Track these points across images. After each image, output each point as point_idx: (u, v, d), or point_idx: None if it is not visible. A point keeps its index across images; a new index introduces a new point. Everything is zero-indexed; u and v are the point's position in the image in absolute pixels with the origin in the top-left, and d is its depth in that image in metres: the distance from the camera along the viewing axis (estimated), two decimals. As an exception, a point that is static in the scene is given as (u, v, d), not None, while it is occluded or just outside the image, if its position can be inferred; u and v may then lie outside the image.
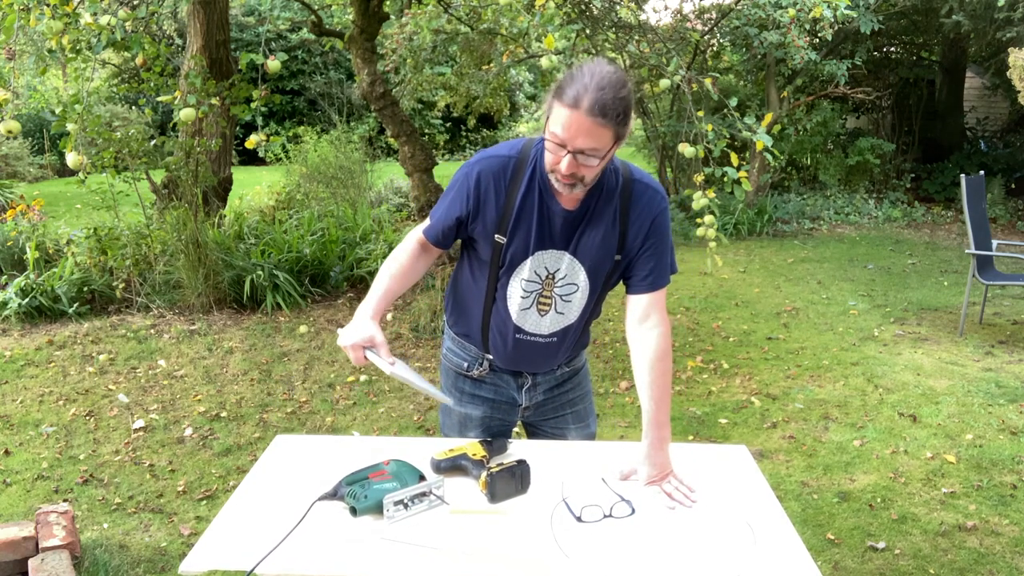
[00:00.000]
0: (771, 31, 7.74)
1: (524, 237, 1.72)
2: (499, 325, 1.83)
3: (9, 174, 11.63)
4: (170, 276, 5.62)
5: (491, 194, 1.72)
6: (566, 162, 1.56)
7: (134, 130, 5.66)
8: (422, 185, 4.99)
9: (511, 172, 1.72)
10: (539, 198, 1.71)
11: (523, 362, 1.89)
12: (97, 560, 2.71)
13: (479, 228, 1.74)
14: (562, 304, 1.79)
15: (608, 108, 1.51)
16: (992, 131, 12.06)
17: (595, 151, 1.55)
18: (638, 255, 1.76)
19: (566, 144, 1.54)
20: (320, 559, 1.42)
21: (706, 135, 4.04)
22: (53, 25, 3.72)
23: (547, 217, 1.71)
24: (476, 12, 6.79)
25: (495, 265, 1.76)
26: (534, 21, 3.63)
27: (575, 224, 1.72)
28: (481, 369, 1.92)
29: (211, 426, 3.87)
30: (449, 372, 2.00)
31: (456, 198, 1.76)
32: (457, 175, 1.77)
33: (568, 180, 1.60)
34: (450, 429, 2.01)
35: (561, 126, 1.53)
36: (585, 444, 1.96)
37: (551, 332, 1.82)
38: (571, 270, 1.75)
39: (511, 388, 1.95)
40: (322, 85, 15.02)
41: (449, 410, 1.99)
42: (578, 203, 1.71)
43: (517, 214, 1.71)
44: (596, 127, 1.51)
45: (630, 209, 1.74)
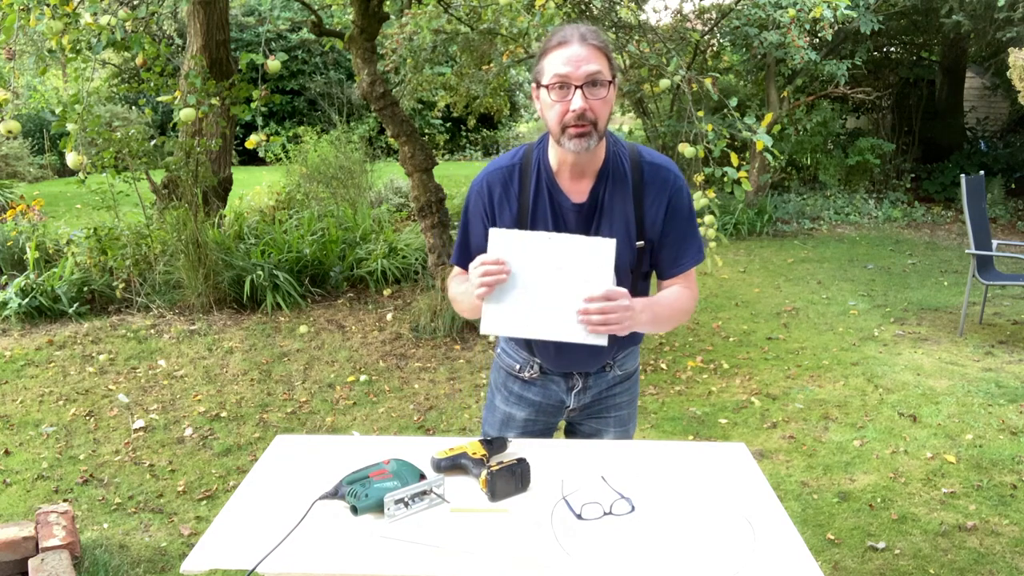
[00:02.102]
0: (771, 31, 7.74)
1: None
2: None
3: (9, 174, 11.63)
4: (170, 276, 5.62)
5: (504, 202, 1.74)
6: (578, 97, 1.55)
7: (134, 130, 5.66)
8: (422, 185, 4.99)
9: (518, 177, 1.73)
10: (549, 196, 1.71)
11: (572, 362, 1.86)
12: (97, 560, 2.71)
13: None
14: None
15: (595, 34, 1.57)
16: (992, 131, 12.06)
17: (599, 75, 1.56)
18: (661, 240, 1.73)
19: (570, 77, 1.55)
20: (321, 558, 1.42)
21: (706, 135, 4.05)
22: (53, 25, 3.72)
23: (560, 214, 1.71)
24: (476, 12, 6.79)
25: None
26: (534, 21, 3.64)
27: (588, 216, 1.71)
28: (532, 372, 1.92)
29: (211, 426, 3.87)
30: (500, 371, 2.00)
31: (475, 215, 1.78)
32: (468, 196, 1.80)
33: (582, 125, 1.57)
34: (490, 427, 2.02)
35: (561, 63, 1.55)
36: (585, 443, 1.96)
37: None
38: None
39: (560, 391, 1.93)
40: (322, 85, 15.02)
41: (493, 407, 2.01)
42: (587, 194, 1.70)
43: (532, 216, 1.72)
44: (592, 52, 1.56)
45: (644, 193, 1.71)
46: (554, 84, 1.57)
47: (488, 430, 2.02)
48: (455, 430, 3.82)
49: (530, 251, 1.55)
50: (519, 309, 1.58)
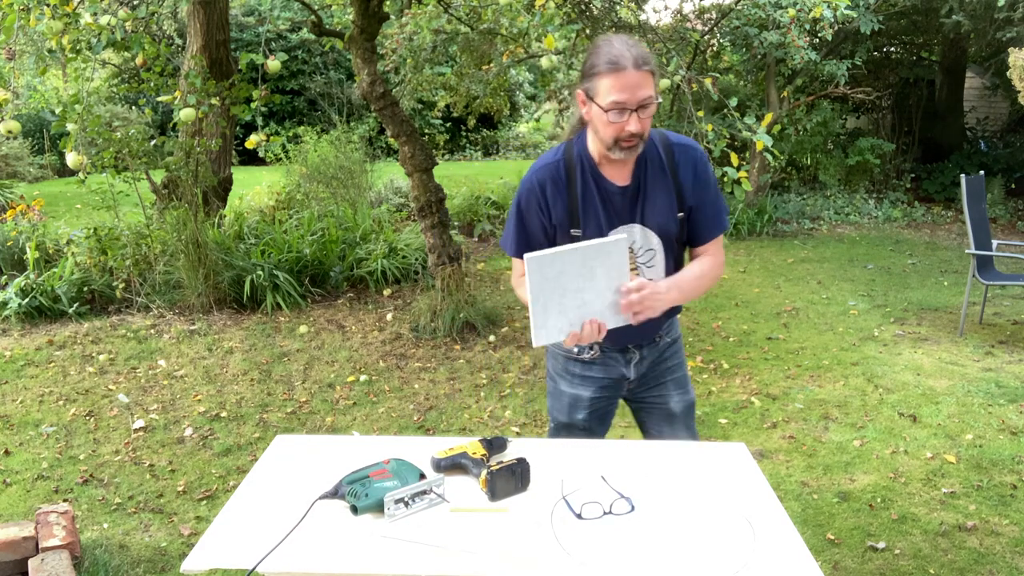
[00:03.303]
0: (771, 31, 7.74)
1: (595, 223, 1.87)
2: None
3: (9, 174, 11.63)
4: (170, 276, 5.62)
5: (556, 196, 1.88)
6: (634, 121, 1.71)
7: (134, 130, 5.66)
8: (422, 185, 4.99)
9: (564, 171, 1.88)
10: (595, 184, 1.87)
11: (629, 336, 1.97)
12: (97, 560, 2.71)
13: (555, 231, 1.90)
14: (647, 271, 1.92)
15: (646, 57, 1.71)
16: (992, 131, 12.06)
17: (650, 99, 1.72)
18: (695, 207, 1.92)
19: (627, 104, 1.70)
20: (321, 557, 1.42)
21: (706, 135, 4.05)
22: (53, 25, 3.72)
23: (608, 198, 1.87)
24: (476, 12, 6.79)
25: None
26: (534, 21, 3.64)
27: (635, 196, 1.88)
28: (592, 352, 2.03)
29: (211, 426, 3.87)
30: (558, 357, 2.10)
31: (530, 211, 1.91)
32: (520, 194, 1.93)
33: (632, 142, 1.75)
34: (559, 412, 2.11)
35: (617, 91, 1.69)
36: (585, 442, 1.96)
37: None
38: (644, 238, 1.89)
39: (620, 365, 2.05)
40: (322, 85, 15.01)
41: (559, 393, 2.10)
42: (630, 177, 1.87)
43: (583, 205, 1.87)
44: (644, 76, 1.70)
45: (677, 168, 1.89)
46: (611, 108, 1.70)
47: (557, 416, 2.11)
48: (455, 430, 3.82)
49: (560, 265, 1.66)
50: (562, 317, 1.71)
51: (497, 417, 3.96)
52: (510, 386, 4.33)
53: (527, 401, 4.14)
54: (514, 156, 16.76)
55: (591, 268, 1.69)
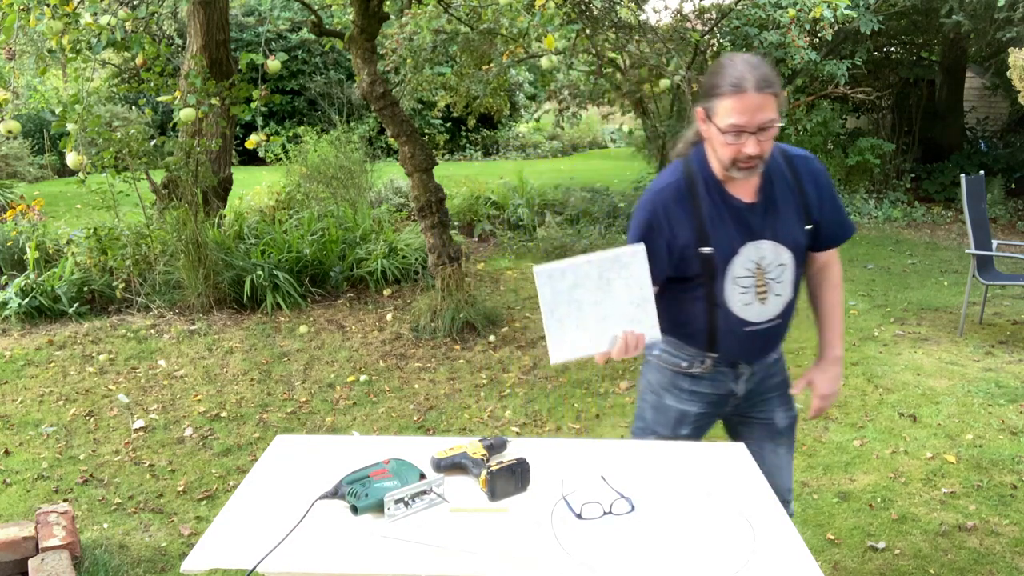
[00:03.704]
0: (771, 31, 7.73)
1: (726, 240, 1.83)
2: (728, 327, 1.90)
3: (9, 174, 11.62)
4: (170, 276, 5.62)
5: (681, 217, 1.83)
6: (751, 144, 1.69)
7: (134, 130, 5.66)
8: (422, 185, 4.99)
9: (686, 191, 1.85)
10: (722, 201, 1.84)
11: (753, 352, 1.97)
12: (97, 560, 2.71)
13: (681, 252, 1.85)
14: (777, 286, 1.89)
15: (769, 79, 1.68)
16: (992, 131, 12.06)
17: (772, 122, 1.69)
18: (822, 216, 1.91)
19: (746, 127, 1.68)
20: (321, 557, 1.42)
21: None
22: (53, 25, 3.72)
23: (736, 215, 1.84)
24: (476, 12, 6.79)
25: (707, 275, 1.85)
26: (534, 21, 3.64)
27: (764, 211, 1.85)
28: (703, 366, 1.98)
29: (211, 426, 3.87)
30: (664, 371, 2.04)
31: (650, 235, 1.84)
32: (638, 218, 1.88)
33: (752, 163, 1.73)
34: (662, 426, 2.05)
35: (736, 113, 1.67)
36: (585, 442, 1.96)
37: (775, 315, 1.92)
38: (775, 254, 1.86)
39: (729, 380, 2.01)
40: (322, 85, 15.01)
41: (664, 407, 2.04)
42: (756, 192, 1.85)
43: (711, 223, 1.83)
44: (766, 99, 1.67)
45: (802, 181, 1.89)
46: (729, 131, 1.70)
47: (659, 429, 2.05)
48: (455, 430, 3.82)
49: (573, 277, 1.63)
50: (582, 332, 1.67)
51: (497, 417, 3.96)
52: (510, 386, 4.33)
53: (527, 401, 4.14)
54: (514, 156, 16.76)
55: (608, 280, 1.65)
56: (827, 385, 2.05)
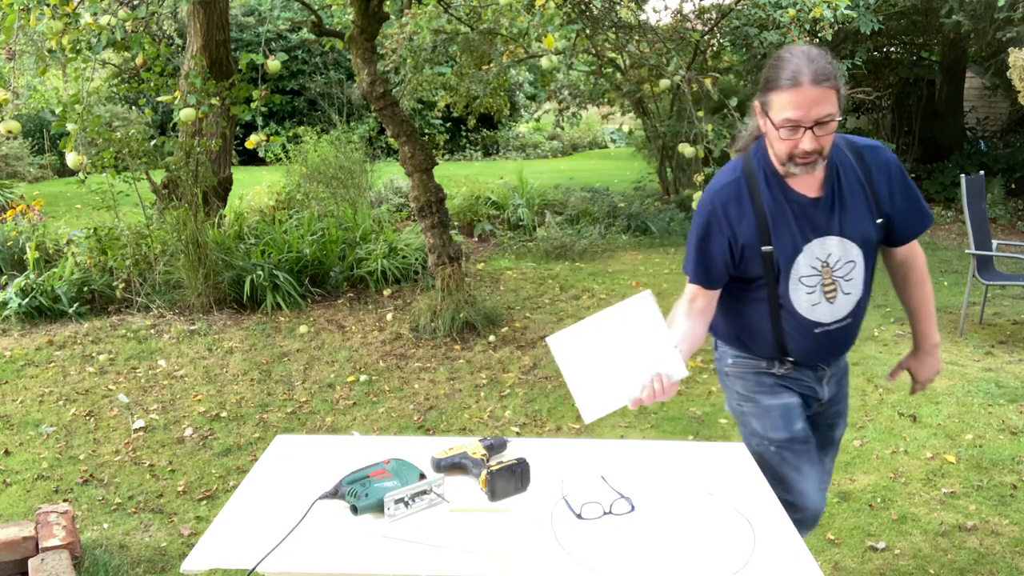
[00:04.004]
0: (771, 31, 7.73)
1: (789, 237, 1.77)
2: (796, 329, 1.85)
3: (9, 174, 11.63)
4: (170, 276, 5.62)
5: (741, 216, 1.79)
6: (807, 139, 1.64)
7: (134, 130, 5.66)
8: (422, 185, 4.99)
9: (746, 189, 1.80)
10: (784, 198, 1.78)
11: (829, 353, 1.92)
12: (97, 560, 2.71)
13: (742, 251, 1.81)
14: (846, 284, 1.82)
15: (827, 72, 1.62)
16: (992, 131, 12.06)
17: (829, 116, 1.63)
18: (894, 209, 1.84)
19: (801, 122, 1.63)
20: (321, 557, 1.42)
21: (706, 135, 4.05)
22: (53, 25, 3.72)
23: (800, 211, 1.78)
24: (476, 12, 6.79)
25: (770, 275, 1.80)
26: (534, 21, 3.64)
27: (830, 206, 1.78)
28: (784, 367, 1.93)
29: (211, 426, 3.87)
30: (748, 376, 1.98)
31: (715, 235, 1.81)
32: (699, 218, 1.84)
33: (809, 158, 1.67)
34: (774, 428, 1.93)
35: (792, 107, 1.62)
36: (585, 442, 1.96)
37: (845, 315, 1.85)
38: (843, 250, 1.80)
39: (811, 381, 1.96)
40: (322, 85, 15.01)
41: (766, 409, 1.94)
42: (821, 187, 1.78)
43: (773, 220, 1.77)
44: (823, 93, 1.61)
45: (871, 172, 1.82)
46: (784, 125, 1.65)
47: (773, 433, 1.93)
48: (455, 430, 3.82)
49: (584, 340, 1.63)
50: (607, 387, 1.66)
51: (497, 417, 3.96)
52: (510, 386, 4.33)
53: (527, 401, 4.14)
54: (514, 156, 16.77)
55: (623, 333, 1.64)
56: (928, 372, 2.04)
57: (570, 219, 8.36)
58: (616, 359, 1.64)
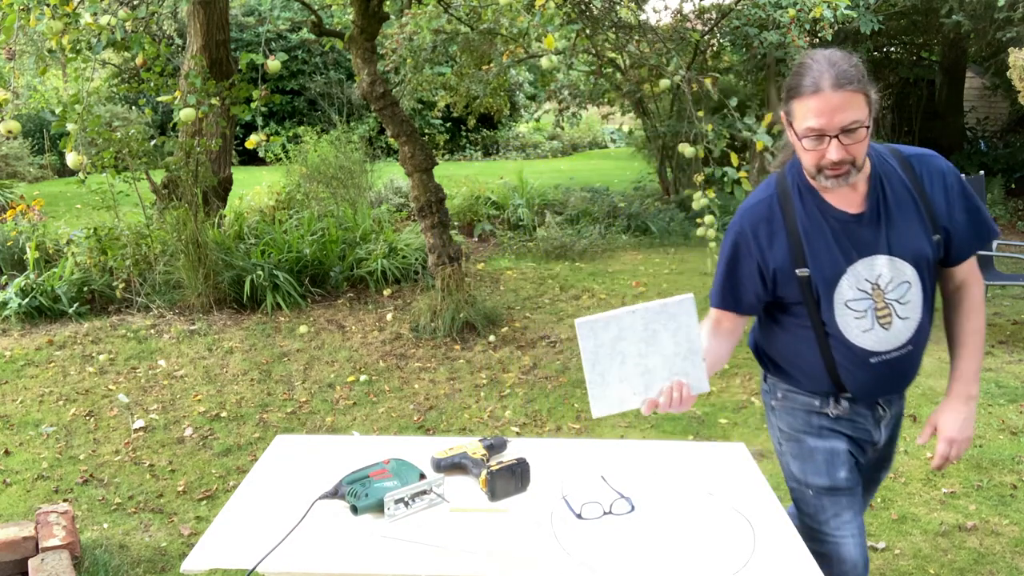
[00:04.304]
0: (771, 31, 7.73)
1: (828, 259, 1.63)
2: (849, 360, 1.68)
3: (9, 174, 11.63)
4: (170, 276, 5.62)
5: (773, 238, 1.66)
6: (833, 148, 1.51)
7: (134, 130, 5.67)
8: (422, 185, 4.99)
9: (779, 207, 1.67)
10: (821, 215, 1.64)
11: (889, 385, 1.75)
12: (97, 560, 2.71)
13: (775, 276, 1.68)
14: (902, 308, 1.65)
15: (850, 75, 1.50)
16: (992, 131, 12.06)
17: (857, 122, 1.50)
18: (952, 222, 1.66)
19: (825, 130, 1.51)
20: (321, 557, 1.42)
21: (706, 135, 4.05)
22: (53, 25, 3.71)
23: (840, 229, 1.63)
24: (476, 12, 6.79)
25: (810, 300, 1.66)
26: (534, 21, 3.64)
27: (875, 222, 1.63)
28: (839, 407, 1.76)
29: (211, 426, 3.87)
30: (796, 413, 1.81)
31: (744, 259, 1.70)
32: (727, 241, 1.73)
33: (839, 170, 1.54)
34: (815, 474, 1.77)
35: (813, 115, 1.51)
36: (585, 442, 1.96)
37: (904, 342, 1.68)
38: (895, 270, 1.63)
39: (868, 423, 1.79)
40: (322, 85, 15.01)
41: (809, 451, 1.78)
42: (864, 201, 1.63)
43: (808, 240, 1.64)
44: (848, 98, 1.49)
45: (923, 183, 1.65)
46: (808, 135, 1.53)
47: (814, 479, 1.77)
48: (455, 430, 3.82)
49: (617, 330, 1.54)
50: (623, 385, 1.57)
51: (497, 417, 3.96)
52: (510, 386, 4.33)
53: (527, 401, 4.14)
54: (514, 156, 16.77)
55: (653, 332, 1.55)
56: (955, 428, 1.74)
57: (570, 219, 8.36)
58: (639, 358, 1.56)
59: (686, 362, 1.57)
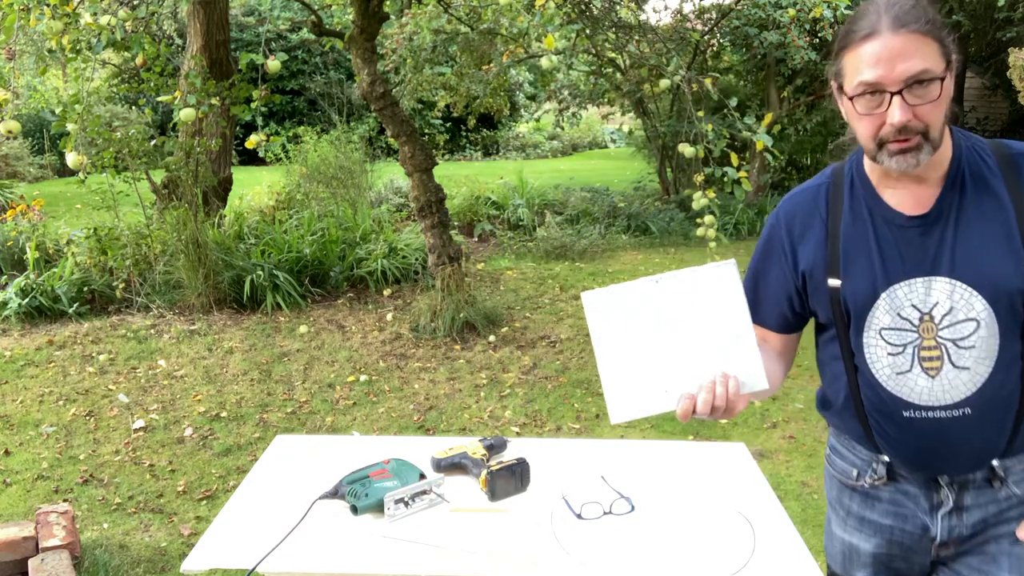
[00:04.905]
0: (771, 31, 7.74)
1: (865, 271, 1.27)
2: (875, 406, 1.31)
3: (9, 174, 11.63)
4: (170, 276, 5.62)
5: (808, 234, 1.33)
6: (896, 106, 1.15)
7: (134, 130, 5.67)
8: (422, 185, 4.99)
9: (826, 198, 1.33)
10: (870, 215, 1.28)
11: (936, 458, 1.29)
12: (97, 560, 2.71)
13: (804, 282, 1.35)
14: (959, 353, 1.23)
15: (914, 14, 1.15)
16: (992, 131, 12.06)
17: (926, 72, 1.14)
18: None
19: (884, 83, 1.15)
20: (321, 557, 1.42)
21: (706, 135, 4.05)
22: (53, 25, 3.71)
23: (889, 235, 1.26)
24: (476, 12, 6.79)
25: (840, 321, 1.31)
26: (534, 21, 3.64)
27: (939, 232, 1.23)
28: (875, 477, 1.36)
29: (211, 426, 3.87)
30: (833, 481, 1.47)
31: (766, 254, 1.40)
32: (762, 233, 1.43)
33: (906, 141, 1.17)
34: (831, 559, 1.50)
35: (868, 64, 1.15)
36: (585, 442, 1.96)
37: (958, 400, 1.24)
38: (958, 299, 1.22)
39: (919, 510, 1.35)
40: (322, 85, 15.02)
41: (831, 534, 1.49)
42: (930, 204, 1.24)
43: (846, 244, 1.29)
44: (912, 41, 1.14)
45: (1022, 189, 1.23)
46: (862, 90, 1.17)
47: (831, 563, 1.50)
48: (455, 430, 3.82)
49: (637, 304, 1.20)
50: (648, 379, 1.23)
51: (497, 417, 3.96)
52: (510, 386, 4.33)
53: (527, 401, 4.14)
54: (514, 156, 16.78)
55: (685, 307, 1.21)
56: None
57: (570, 219, 8.36)
58: (668, 344, 1.21)
59: (732, 349, 1.21)
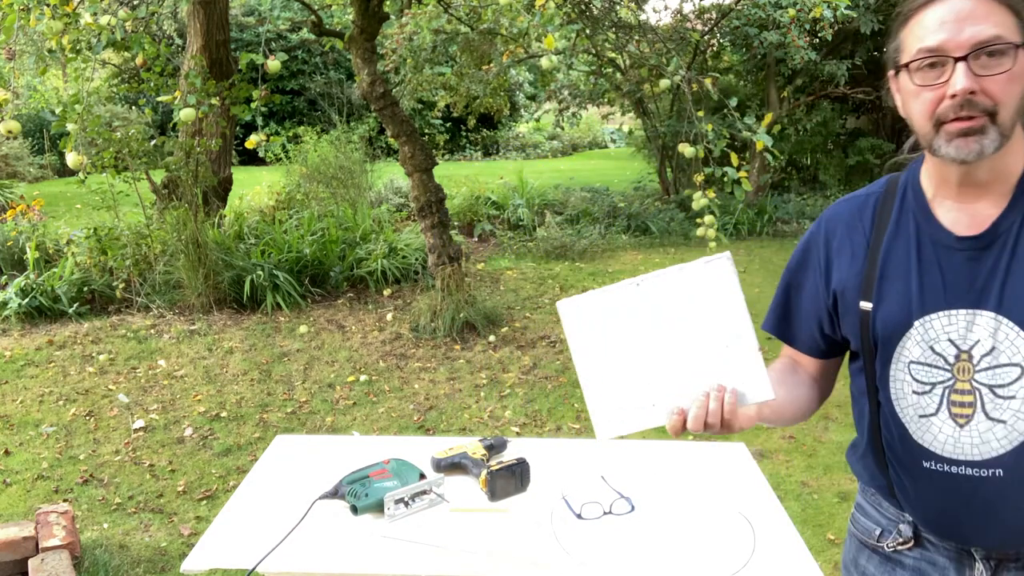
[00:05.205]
0: (771, 31, 7.74)
1: (900, 294, 1.11)
2: (893, 447, 1.16)
3: (9, 174, 11.63)
4: (170, 276, 5.62)
5: (846, 246, 1.18)
6: (960, 72, 0.98)
7: (134, 130, 5.67)
8: (422, 185, 4.99)
9: (873, 209, 1.17)
10: (916, 232, 1.12)
11: (955, 521, 1.12)
12: (97, 560, 2.71)
13: (834, 302, 1.20)
14: (996, 402, 1.05)
15: None
16: (992, 131, 12.05)
17: (998, 39, 0.98)
18: None
19: (947, 48, 0.99)
20: (321, 557, 1.42)
21: (706, 135, 4.05)
22: (53, 25, 3.71)
23: (934, 256, 1.10)
24: (476, 12, 6.79)
25: (867, 350, 1.16)
26: (534, 21, 3.64)
27: (990, 256, 1.06)
28: (899, 540, 1.20)
29: (211, 426, 3.87)
30: (852, 541, 1.33)
31: (801, 267, 1.25)
32: (800, 241, 1.29)
33: (968, 120, 1.00)
34: None
35: (930, 30, 1.00)
36: (585, 442, 1.96)
37: (989, 457, 1.06)
38: (1002, 339, 1.05)
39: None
40: (322, 85, 15.02)
41: None
42: (988, 223, 1.07)
43: (884, 263, 1.13)
44: (984, 4, 0.99)
45: None
46: (920, 62, 1.01)
47: None
48: (455, 430, 3.82)
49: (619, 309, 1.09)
50: (636, 392, 1.11)
51: (497, 417, 3.96)
52: (510, 386, 4.33)
53: (527, 401, 4.14)
54: (514, 156, 16.78)
55: (671, 313, 1.09)
56: None
57: (570, 219, 8.36)
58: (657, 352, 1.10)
59: (730, 355, 1.09)
